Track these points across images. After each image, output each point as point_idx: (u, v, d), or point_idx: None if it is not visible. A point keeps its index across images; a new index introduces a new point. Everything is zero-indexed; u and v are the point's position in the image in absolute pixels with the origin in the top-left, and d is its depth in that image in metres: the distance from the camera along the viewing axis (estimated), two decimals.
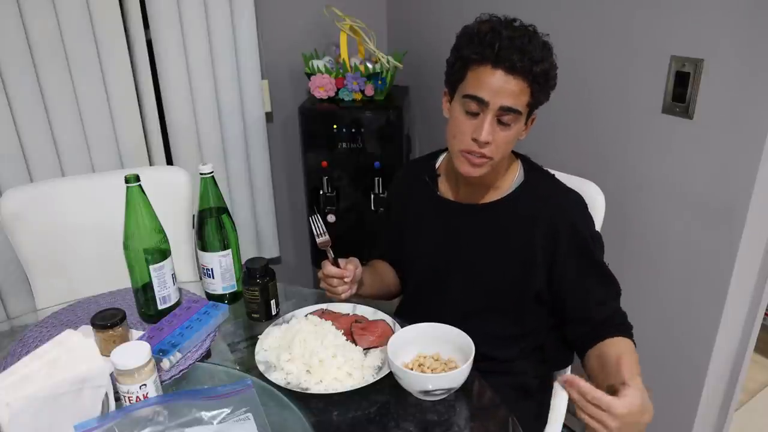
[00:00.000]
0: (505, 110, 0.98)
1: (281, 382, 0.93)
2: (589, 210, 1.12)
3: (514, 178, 1.12)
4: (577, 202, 1.10)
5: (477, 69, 0.99)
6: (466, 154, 1.03)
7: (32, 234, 1.37)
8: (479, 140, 1.00)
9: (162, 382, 0.91)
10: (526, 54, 0.95)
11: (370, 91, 1.97)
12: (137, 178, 1.03)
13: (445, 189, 1.19)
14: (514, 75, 0.96)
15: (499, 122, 1.00)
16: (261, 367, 0.96)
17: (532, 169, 1.14)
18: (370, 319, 1.10)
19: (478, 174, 1.05)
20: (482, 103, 0.99)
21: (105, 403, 0.82)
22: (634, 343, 1.06)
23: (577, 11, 1.54)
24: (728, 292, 1.35)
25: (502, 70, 0.97)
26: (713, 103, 1.28)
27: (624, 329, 1.06)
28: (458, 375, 0.88)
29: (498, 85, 0.97)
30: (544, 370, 1.23)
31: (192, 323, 1.05)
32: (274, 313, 1.13)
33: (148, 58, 1.84)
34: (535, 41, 0.97)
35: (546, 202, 1.08)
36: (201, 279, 1.20)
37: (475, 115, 1.00)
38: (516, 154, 1.16)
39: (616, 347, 1.02)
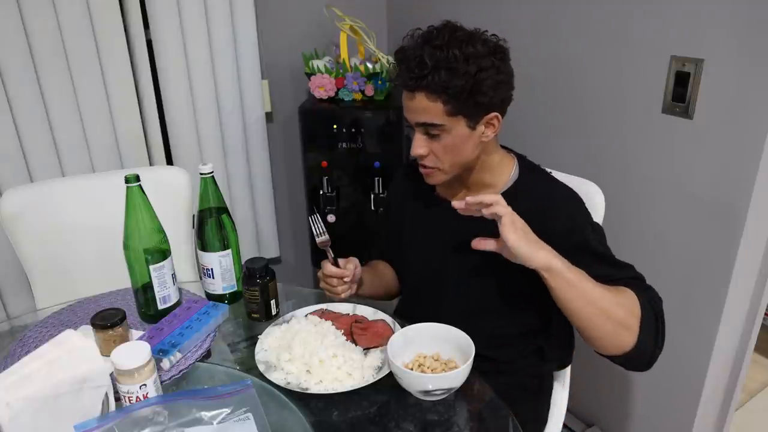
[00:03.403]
0: (422, 125, 1.02)
1: (281, 382, 0.93)
2: (588, 208, 1.11)
3: (509, 176, 1.12)
4: (571, 197, 1.10)
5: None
6: (419, 167, 1.10)
7: (32, 234, 1.37)
8: (413, 155, 1.06)
9: (162, 382, 0.91)
10: (410, 71, 0.99)
11: (370, 91, 1.96)
12: (137, 178, 1.03)
13: (442, 189, 1.19)
14: (414, 92, 1.00)
15: (429, 135, 1.04)
16: (261, 367, 0.96)
17: (527, 168, 1.14)
18: (370, 319, 1.10)
19: (434, 182, 1.11)
20: (408, 123, 1.06)
21: (105, 403, 0.82)
22: (641, 303, 0.96)
23: (577, 11, 1.54)
24: (728, 292, 1.34)
25: (406, 91, 1.02)
26: (713, 103, 1.28)
27: (636, 286, 0.99)
28: (458, 375, 0.88)
29: (410, 105, 1.02)
30: (544, 370, 1.23)
31: (192, 323, 1.05)
32: (274, 313, 1.13)
33: (148, 57, 1.84)
34: (428, 53, 0.97)
35: (540, 199, 1.08)
36: (201, 279, 1.20)
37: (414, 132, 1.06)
38: (513, 153, 1.16)
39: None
